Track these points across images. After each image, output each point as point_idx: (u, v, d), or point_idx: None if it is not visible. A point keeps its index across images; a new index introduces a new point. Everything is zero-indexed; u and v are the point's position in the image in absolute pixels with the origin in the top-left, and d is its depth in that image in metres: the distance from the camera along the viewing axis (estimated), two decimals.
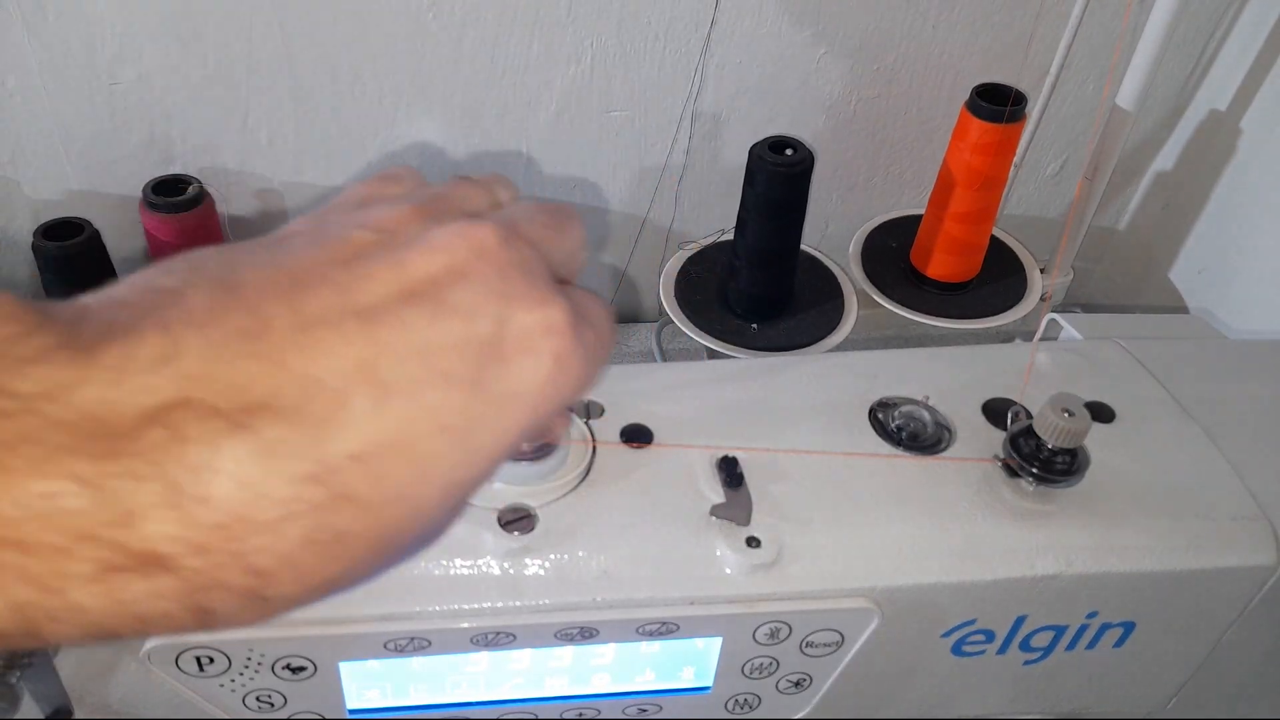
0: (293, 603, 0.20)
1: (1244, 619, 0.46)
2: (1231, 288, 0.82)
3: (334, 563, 0.21)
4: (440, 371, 0.21)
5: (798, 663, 0.44)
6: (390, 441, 0.21)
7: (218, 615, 0.19)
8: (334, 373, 0.20)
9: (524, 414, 0.23)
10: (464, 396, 0.22)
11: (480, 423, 0.22)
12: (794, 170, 0.66)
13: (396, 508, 0.21)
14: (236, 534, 0.19)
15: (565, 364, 0.23)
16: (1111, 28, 0.79)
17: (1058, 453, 0.43)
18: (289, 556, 0.20)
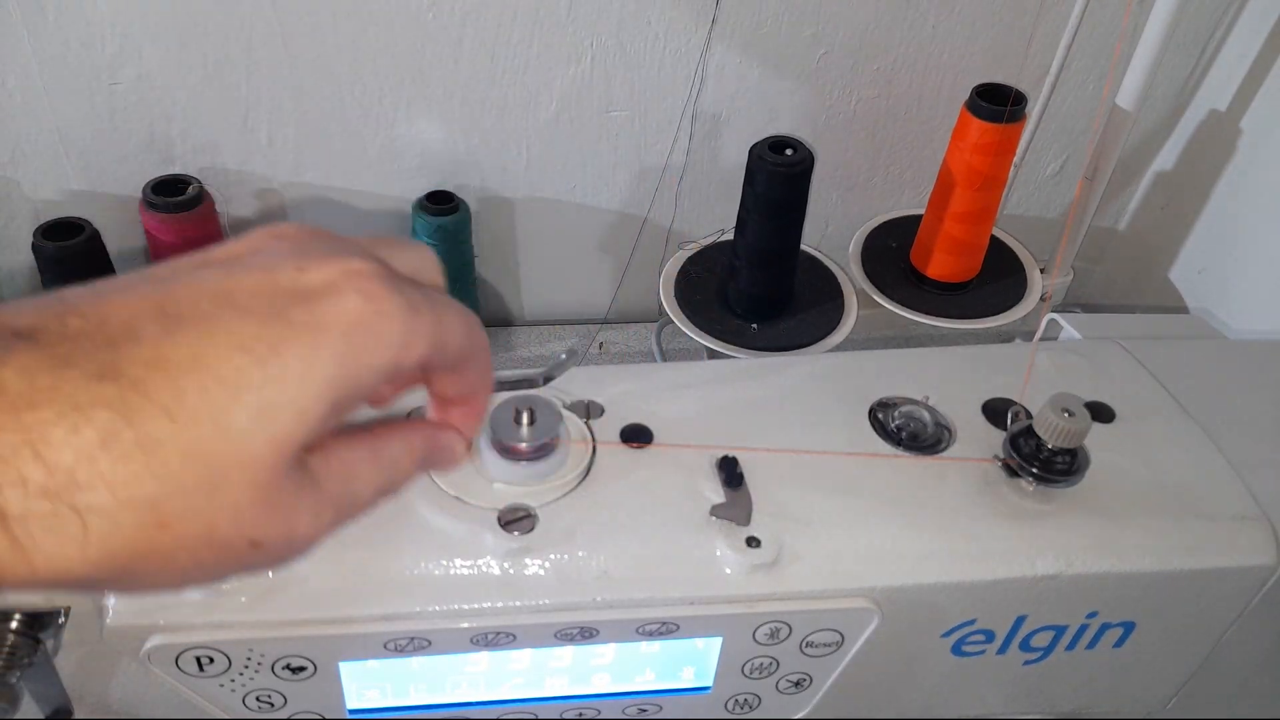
0: (118, 519, 0.21)
1: (1244, 619, 0.46)
2: (1231, 288, 0.82)
3: (148, 473, 0.21)
4: (234, 305, 0.23)
5: (798, 663, 0.44)
6: (185, 358, 0.22)
7: (34, 546, 0.20)
8: (126, 312, 0.22)
9: (338, 345, 0.24)
10: (260, 323, 0.23)
11: (285, 347, 0.23)
12: (794, 170, 0.66)
13: (205, 424, 0.22)
14: (32, 431, 0.20)
15: (378, 299, 0.24)
16: (1111, 28, 0.79)
17: (1058, 453, 0.43)
18: (89, 456, 0.21)
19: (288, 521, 0.24)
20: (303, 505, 0.25)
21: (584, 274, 0.90)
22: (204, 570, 0.24)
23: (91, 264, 0.71)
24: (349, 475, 0.27)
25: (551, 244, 0.87)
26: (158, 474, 0.21)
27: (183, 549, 0.23)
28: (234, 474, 0.23)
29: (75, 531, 0.21)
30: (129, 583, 0.23)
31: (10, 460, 0.20)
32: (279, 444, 0.23)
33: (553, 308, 0.92)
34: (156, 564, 0.22)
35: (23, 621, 0.36)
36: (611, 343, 0.90)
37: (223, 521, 0.23)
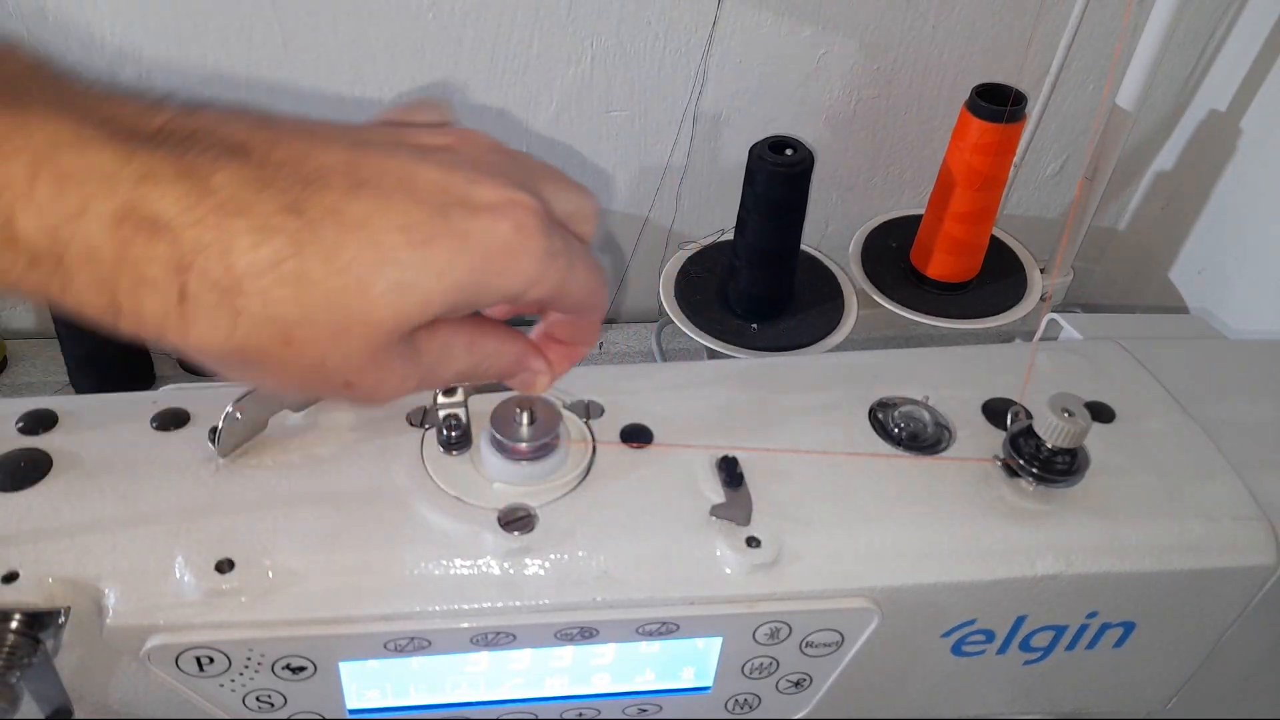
0: (260, 325, 0.25)
1: (1244, 619, 0.46)
2: (1231, 288, 0.82)
3: (294, 301, 0.25)
4: (410, 190, 0.27)
5: (798, 663, 0.44)
6: (357, 217, 0.26)
7: (193, 323, 0.25)
8: (325, 161, 0.26)
9: (477, 260, 0.27)
10: (425, 214, 0.27)
11: (436, 243, 0.27)
12: (794, 170, 0.66)
13: (350, 278, 0.26)
14: (226, 236, 0.24)
15: (526, 235, 0.28)
16: (1111, 28, 0.79)
17: (1058, 453, 0.43)
18: (259, 271, 0.25)
19: (381, 377, 0.28)
20: (397, 368, 0.29)
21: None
22: (302, 385, 0.28)
23: None
24: (444, 354, 0.30)
25: None
26: (302, 305, 0.25)
27: (295, 366, 0.27)
28: (357, 328, 0.26)
29: (226, 324, 0.25)
30: (247, 373, 0.27)
31: (203, 252, 0.24)
32: (400, 318, 0.27)
33: None
34: (272, 368, 0.27)
35: (23, 621, 0.36)
36: (611, 343, 0.90)
37: (333, 360, 0.27)
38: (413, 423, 0.45)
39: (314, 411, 0.45)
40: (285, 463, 0.42)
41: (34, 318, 0.85)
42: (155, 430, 0.43)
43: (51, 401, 0.45)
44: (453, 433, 0.42)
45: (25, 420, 0.43)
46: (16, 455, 0.42)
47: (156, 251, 0.24)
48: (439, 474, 0.42)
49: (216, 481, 0.41)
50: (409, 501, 0.41)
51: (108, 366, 0.76)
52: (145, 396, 0.46)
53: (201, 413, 0.44)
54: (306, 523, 0.40)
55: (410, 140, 0.29)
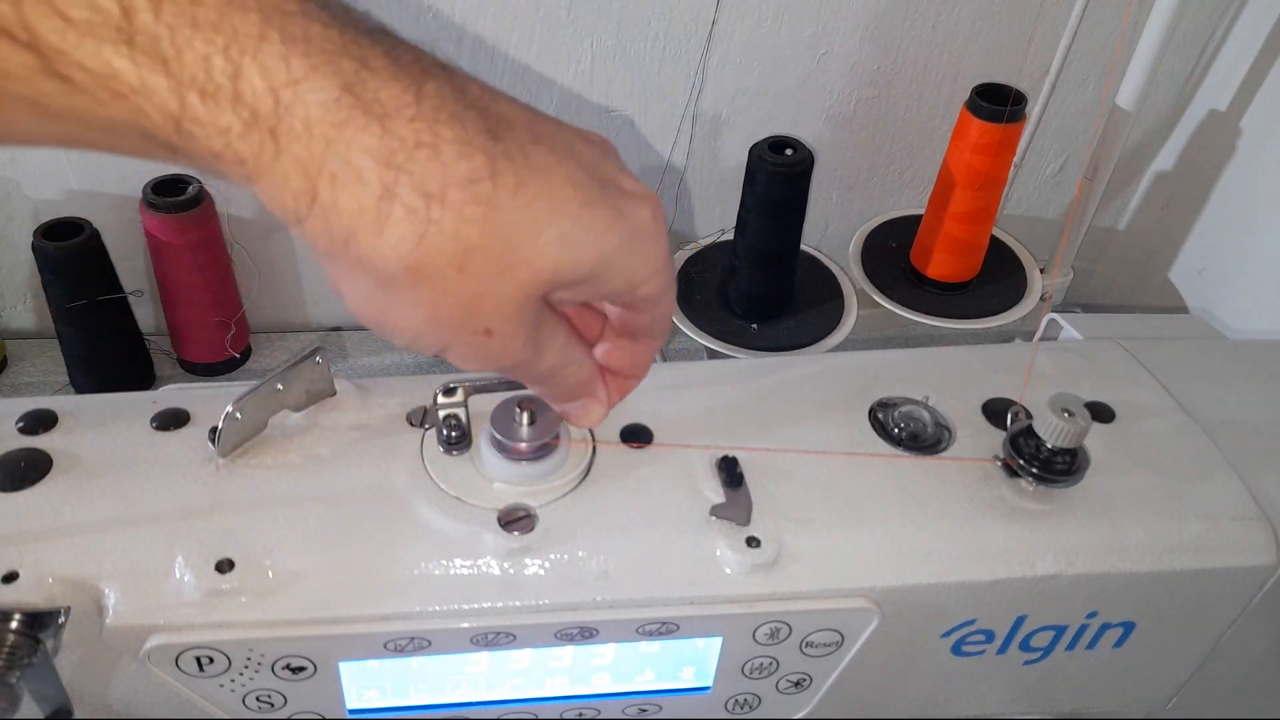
0: (445, 241, 0.26)
1: (1244, 619, 0.46)
2: (1231, 288, 0.82)
3: (481, 222, 0.26)
4: (577, 158, 0.28)
5: (798, 663, 0.44)
6: (538, 163, 0.27)
7: (392, 224, 0.25)
8: (507, 110, 0.28)
9: (624, 234, 0.29)
10: (589, 181, 0.28)
11: (599, 208, 0.28)
12: (794, 170, 0.66)
13: (527, 215, 0.27)
14: (437, 142, 0.25)
15: (660, 226, 0.30)
16: (1111, 28, 0.79)
17: (1058, 453, 0.43)
18: (458, 184, 0.25)
19: (515, 332, 0.29)
20: (528, 330, 0.30)
21: None
22: (447, 323, 0.28)
23: (91, 264, 0.71)
24: (550, 337, 0.31)
25: None
26: (485, 230, 0.26)
27: (455, 297, 0.27)
28: (522, 269, 0.27)
29: (415, 234, 0.25)
30: (399, 302, 0.27)
31: (416, 151, 0.25)
32: (558, 270, 0.28)
33: None
34: (433, 295, 0.27)
35: (23, 621, 0.36)
36: None
37: (489, 298, 0.27)
38: (413, 423, 0.45)
39: (314, 411, 0.45)
40: (285, 463, 0.42)
41: (34, 318, 0.85)
42: (155, 430, 0.43)
43: (51, 401, 0.45)
44: (453, 433, 0.42)
45: (25, 420, 0.43)
46: (16, 455, 0.42)
47: (368, 140, 0.24)
48: (439, 474, 0.42)
49: (216, 481, 0.41)
50: (409, 501, 0.41)
51: (108, 366, 0.76)
52: (145, 396, 0.46)
53: (201, 413, 0.44)
54: (306, 523, 0.40)
55: (563, 127, 0.31)
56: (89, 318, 0.72)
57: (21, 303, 0.84)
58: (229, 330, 0.79)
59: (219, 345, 0.80)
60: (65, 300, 0.71)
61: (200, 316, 0.78)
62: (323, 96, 0.24)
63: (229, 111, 0.24)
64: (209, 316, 0.79)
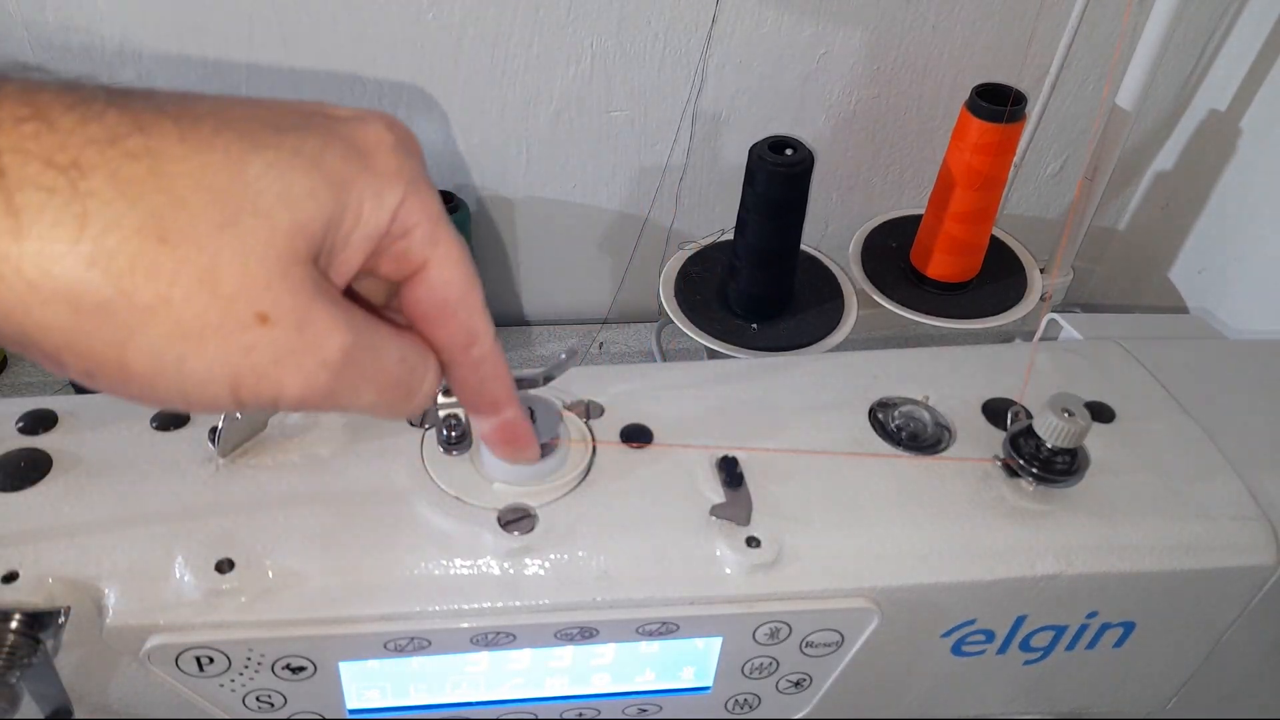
0: (119, 217, 0.20)
1: (1244, 619, 0.46)
2: (1231, 288, 0.82)
3: (152, 179, 0.21)
4: (258, 104, 0.24)
5: (798, 663, 0.44)
6: (202, 112, 0.22)
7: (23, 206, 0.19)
8: (148, 93, 0.22)
9: (350, 150, 0.24)
10: (284, 113, 0.24)
11: (306, 133, 0.23)
12: (794, 170, 0.66)
13: (217, 155, 0.22)
14: (34, 105, 0.20)
15: (397, 135, 0.25)
16: (1111, 28, 0.79)
17: (1058, 453, 0.43)
18: (98, 144, 0.20)
19: (304, 306, 0.23)
20: (322, 304, 0.23)
21: (584, 274, 0.90)
22: (205, 330, 0.21)
23: None
24: (373, 334, 0.25)
25: (551, 244, 0.87)
26: (164, 186, 0.21)
27: (181, 278, 0.21)
28: (246, 219, 0.21)
29: (70, 208, 0.20)
30: (127, 303, 0.21)
31: (21, 130, 0.20)
32: (295, 216, 0.22)
33: (553, 308, 0.93)
34: (154, 287, 0.20)
35: (23, 621, 0.36)
36: (611, 343, 0.90)
37: (228, 264, 0.21)
38: (413, 423, 0.45)
39: (314, 411, 0.45)
40: (285, 463, 0.42)
41: None
42: (155, 430, 0.43)
43: (51, 401, 0.45)
44: (453, 433, 0.42)
45: (25, 420, 0.43)
46: (16, 455, 0.42)
47: None
48: (439, 474, 0.42)
49: (216, 481, 0.41)
50: (409, 501, 0.41)
51: None
52: None
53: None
54: (306, 523, 0.40)
55: None
56: None
57: None
58: None
59: None
60: None
61: None
62: None
63: None
64: None
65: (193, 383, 0.22)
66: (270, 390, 0.23)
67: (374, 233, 0.25)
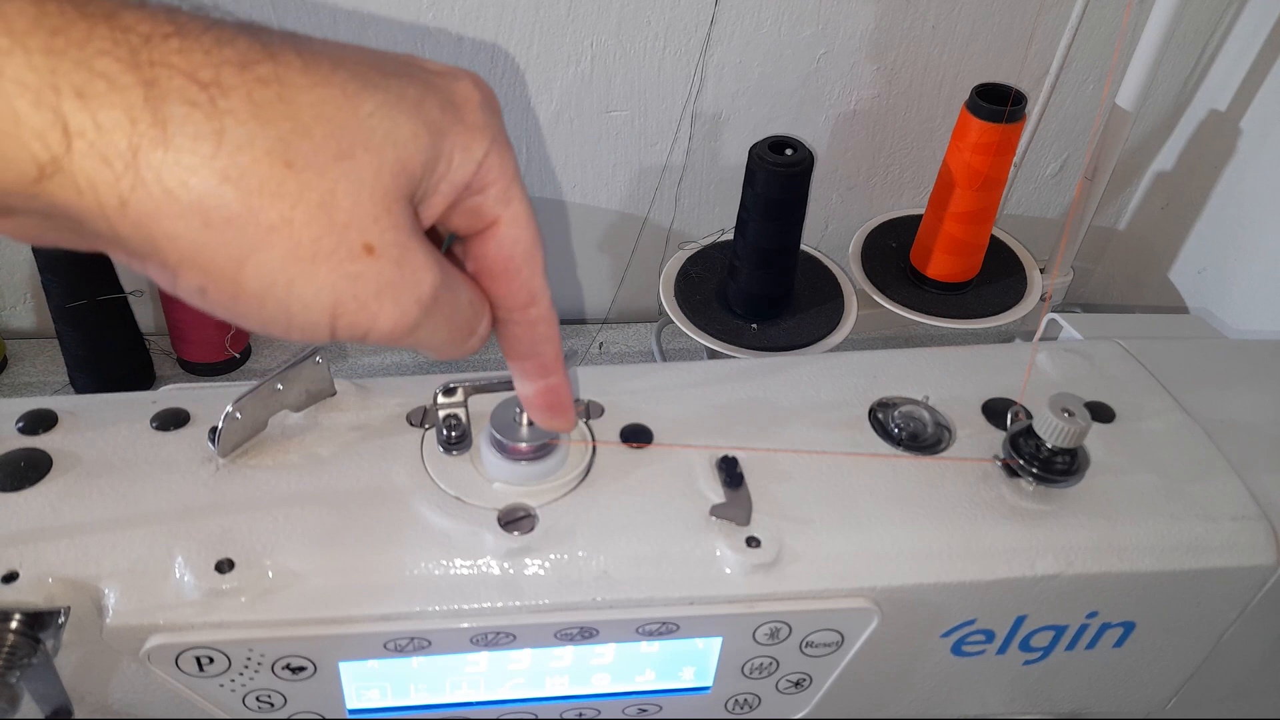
0: (251, 137, 0.21)
1: (1244, 619, 0.46)
2: (1231, 288, 0.82)
3: (281, 105, 0.22)
4: (360, 51, 0.25)
5: (798, 663, 0.44)
6: (317, 49, 0.23)
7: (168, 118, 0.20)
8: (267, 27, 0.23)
9: (445, 101, 0.25)
10: (384, 61, 0.25)
11: (406, 82, 0.24)
12: (794, 170, 0.66)
13: (335, 90, 0.23)
14: (176, 23, 0.21)
15: (484, 94, 0.26)
16: (1111, 28, 0.79)
17: (1058, 453, 0.43)
18: (236, 66, 0.22)
19: (404, 243, 0.24)
20: (418, 242, 0.25)
21: (584, 274, 0.90)
22: (319, 255, 0.22)
23: (91, 264, 0.71)
24: (452, 285, 0.27)
25: (551, 244, 0.87)
26: (291, 114, 0.22)
27: (303, 199, 0.22)
28: (360, 154, 0.23)
29: (210, 123, 0.21)
30: (251, 219, 0.22)
31: (166, 45, 0.21)
32: (400, 153, 0.23)
33: None
34: (277, 206, 0.22)
35: (23, 621, 0.36)
36: (611, 343, 0.90)
37: (344, 193, 0.23)
38: (413, 423, 0.45)
39: (314, 411, 0.45)
40: (285, 463, 0.42)
41: (34, 318, 0.85)
42: (155, 430, 0.43)
43: (51, 401, 0.45)
44: (453, 433, 0.42)
45: (25, 420, 0.43)
46: (16, 455, 0.42)
47: (100, 42, 0.20)
48: (439, 474, 0.42)
49: (216, 481, 0.41)
50: (409, 501, 0.41)
51: (108, 366, 0.76)
52: (145, 396, 0.46)
53: (201, 413, 0.44)
54: (306, 523, 0.40)
55: None
56: (89, 318, 0.72)
57: (21, 303, 0.84)
58: (229, 330, 0.79)
59: (219, 345, 0.80)
60: (65, 300, 0.71)
61: (200, 316, 0.78)
62: (25, 9, 0.19)
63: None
64: (209, 316, 0.78)
65: (299, 305, 0.23)
66: (366, 321, 0.24)
67: (460, 181, 0.26)
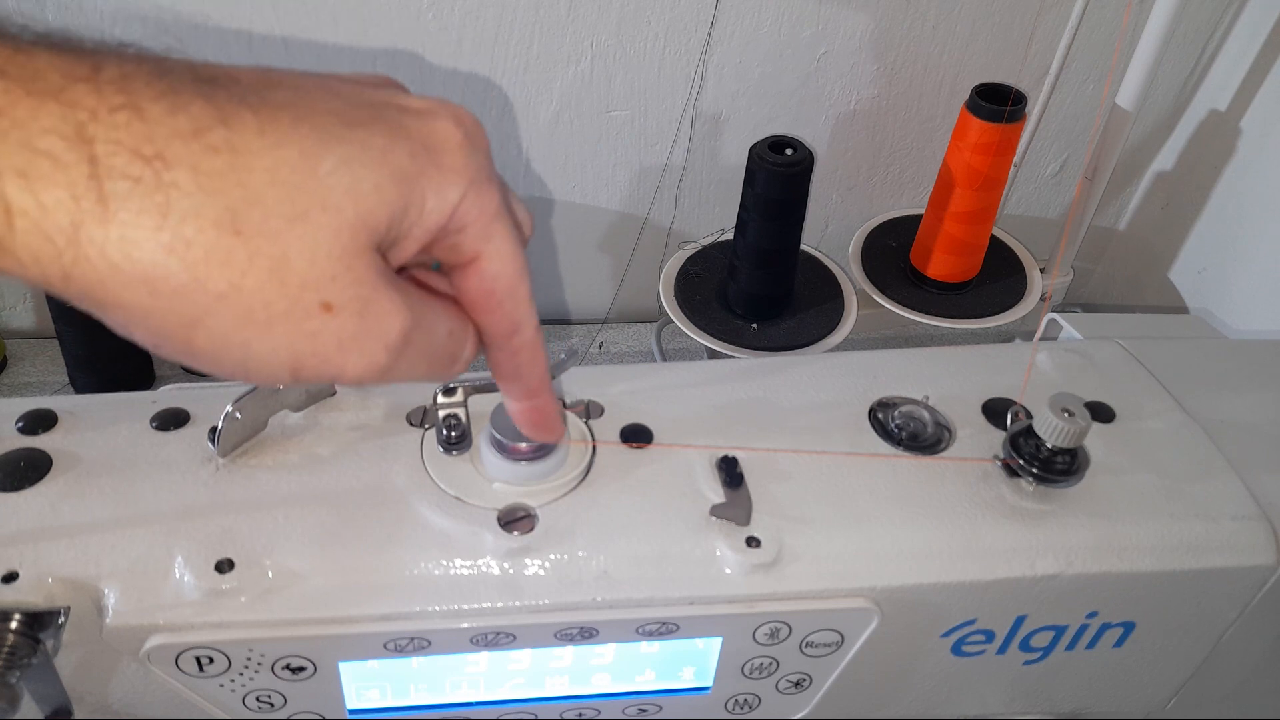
0: (198, 207, 0.21)
1: (1244, 619, 0.46)
2: (1231, 288, 0.82)
3: (232, 173, 0.22)
4: (330, 88, 0.25)
5: (798, 663, 0.44)
6: (282, 99, 0.23)
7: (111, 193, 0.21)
8: (231, 72, 0.24)
9: (419, 146, 0.25)
10: (353, 104, 0.25)
11: (375, 126, 0.24)
12: (794, 170, 0.66)
13: (292, 150, 0.23)
14: (127, 92, 0.21)
15: (466, 133, 0.26)
16: (1111, 28, 0.79)
17: (1058, 453, 0.43)
18: (183, 137, 0.21)
19: (366, 296, 0.24)
20: (384, 290, 0.24)
21: (584, 274, 0.90)
22: (272, 318, 0.23)
23: None
24: (427, 312, 0.27)
25: (551, 244, 0.87)
26: (242, 180, 0.22)
27: (254, 266, 0.22)
28: (315, 214, 0.23)
29: (156, 211, 0.21)
30: (201, 289, 0.22)
31: (115, 119, 0.21)
32: (360, 208, 0.23)
33: (553, 308, 0.93)
34: (227, 275, 0.22)
35: (23, 621, 0.36)
36: (611, 343, 0.90)
37: (297, 256, 0.22)
38: (413, 423, 0.45)
39: (314, 411, 0.45)
40: (285, 463, 0.42)
41: (34, 318, 0.85)
42: (155, 430, 0.43)
43: (51, 401, 0.45)
44: (453, 433, 0.42)
45: (25, 420, 0.43)
46: (16, 455, 0.42)
47: (46, 119, 0.20)
48: (439, 474, 0.42)
49: (216, 481, 0.41)
50: (409, 501, 0.41)
51: (108, 366, 0.76)
52: (145, 396, 0.46)
53: (201, 413, 0.44)
54: (306, 523, 0.40)
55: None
56: (89, 317, 0.72)
57: (21, 303, 0.84)
58: None
59: None
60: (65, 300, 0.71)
61: None
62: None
63: None
64: None
65: (256, 363, 0.24)
66: (331, 372, 0.24)
67: (433, 225, 0.26)
